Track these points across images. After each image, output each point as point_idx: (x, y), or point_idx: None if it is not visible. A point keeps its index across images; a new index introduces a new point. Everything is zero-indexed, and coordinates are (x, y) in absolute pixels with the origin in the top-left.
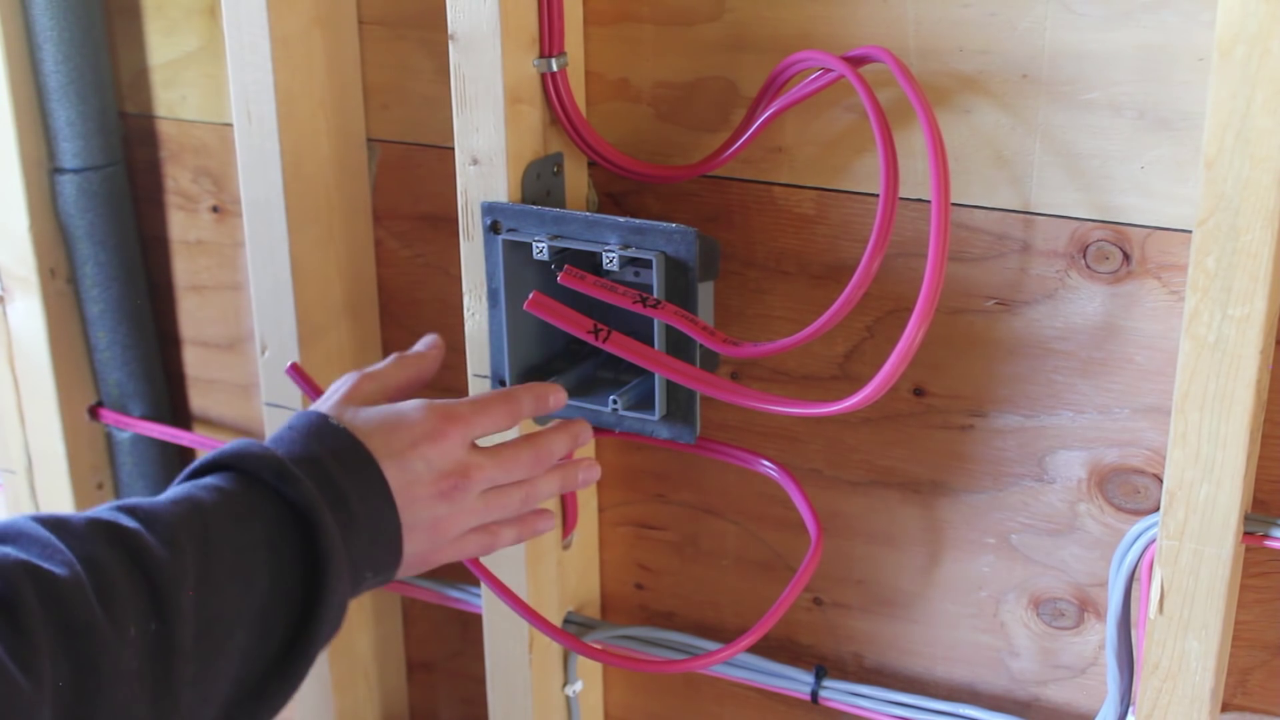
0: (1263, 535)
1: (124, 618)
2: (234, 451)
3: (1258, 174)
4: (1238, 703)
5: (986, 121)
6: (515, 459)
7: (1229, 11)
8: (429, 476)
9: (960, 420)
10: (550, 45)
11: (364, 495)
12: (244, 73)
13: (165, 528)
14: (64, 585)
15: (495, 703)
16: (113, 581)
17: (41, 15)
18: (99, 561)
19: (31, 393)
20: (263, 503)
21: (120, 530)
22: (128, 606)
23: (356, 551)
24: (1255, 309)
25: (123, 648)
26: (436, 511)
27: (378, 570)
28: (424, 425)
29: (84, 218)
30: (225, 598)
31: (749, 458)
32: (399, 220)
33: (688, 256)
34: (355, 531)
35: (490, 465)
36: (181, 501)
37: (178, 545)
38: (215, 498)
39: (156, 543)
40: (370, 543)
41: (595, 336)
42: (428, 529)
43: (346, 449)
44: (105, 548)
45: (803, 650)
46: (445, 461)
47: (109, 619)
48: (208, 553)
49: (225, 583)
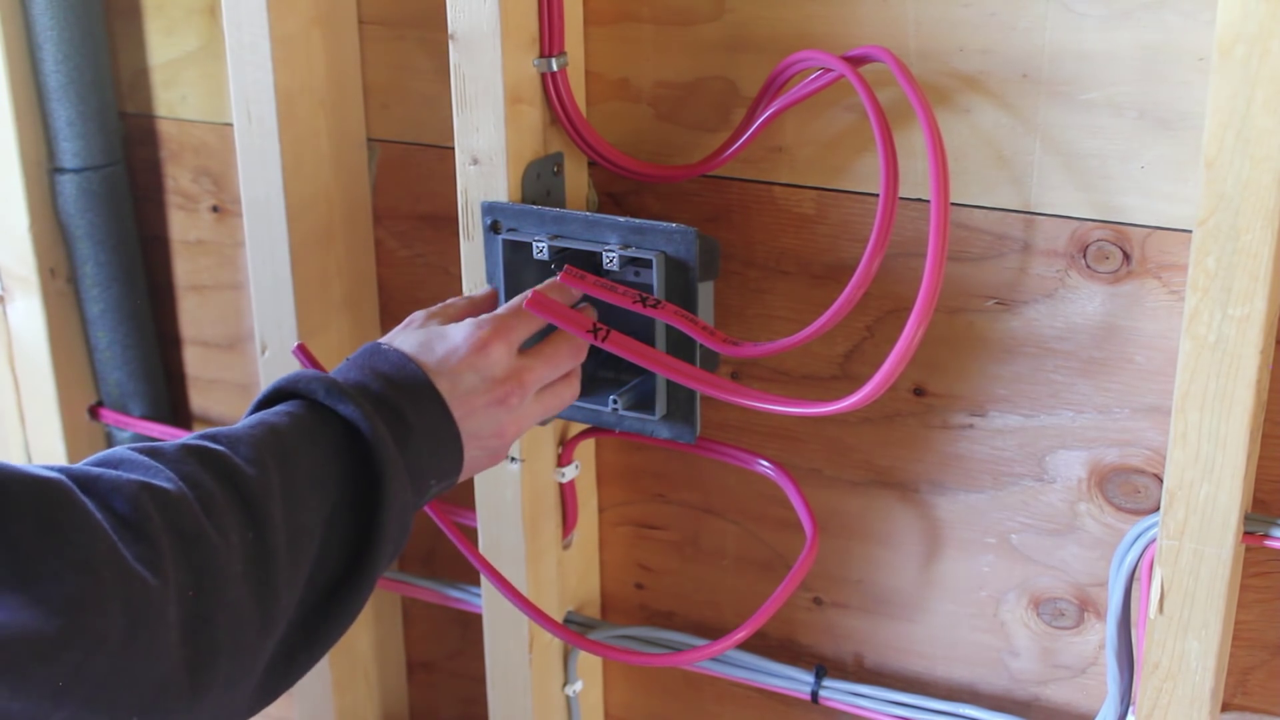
0: (1263, 535)
1: (226, 526)
2: (292, 378)
3: (1258, 174)
4: (1238, 703)
5: (986, 121)
6: (557, 353)
7: (1229, 11)
8: (483, 386)
9: (960, 420)
10: (550, 45)
11: (419, 408)
12: (244, 73)
13: (248, 448)
14: (174, 498)
15: (495, 703)
16: (211, 495)
17: (41, 15)
18: (197, 479)
19: (31, 393)
20: (327, 421)
21: (211, 452)
22: (227, 517)
23: (417, 461)
24: (1255, 309)
25: (229, 552)
26: (499, 418)
27: (441, 476)
28: (468, 339)
29: (84, 218)
30: (307, 507)
31: (747, 457)
32: (399, 220)
33: (688, 256)
34: (413, 443)
35: (540, 365)
36: (257, 426)
37: (262, 463)
38: (286, 420)
39: (243, 462)
40: (431, 452)
41: (595, 336)
42: (493, 435)
43: (398, 367)
44: (199, 468)
45: (803, 650)
46: (496, 369)
47: (214, 527)
48: (288, 467)
49: (306, 494)
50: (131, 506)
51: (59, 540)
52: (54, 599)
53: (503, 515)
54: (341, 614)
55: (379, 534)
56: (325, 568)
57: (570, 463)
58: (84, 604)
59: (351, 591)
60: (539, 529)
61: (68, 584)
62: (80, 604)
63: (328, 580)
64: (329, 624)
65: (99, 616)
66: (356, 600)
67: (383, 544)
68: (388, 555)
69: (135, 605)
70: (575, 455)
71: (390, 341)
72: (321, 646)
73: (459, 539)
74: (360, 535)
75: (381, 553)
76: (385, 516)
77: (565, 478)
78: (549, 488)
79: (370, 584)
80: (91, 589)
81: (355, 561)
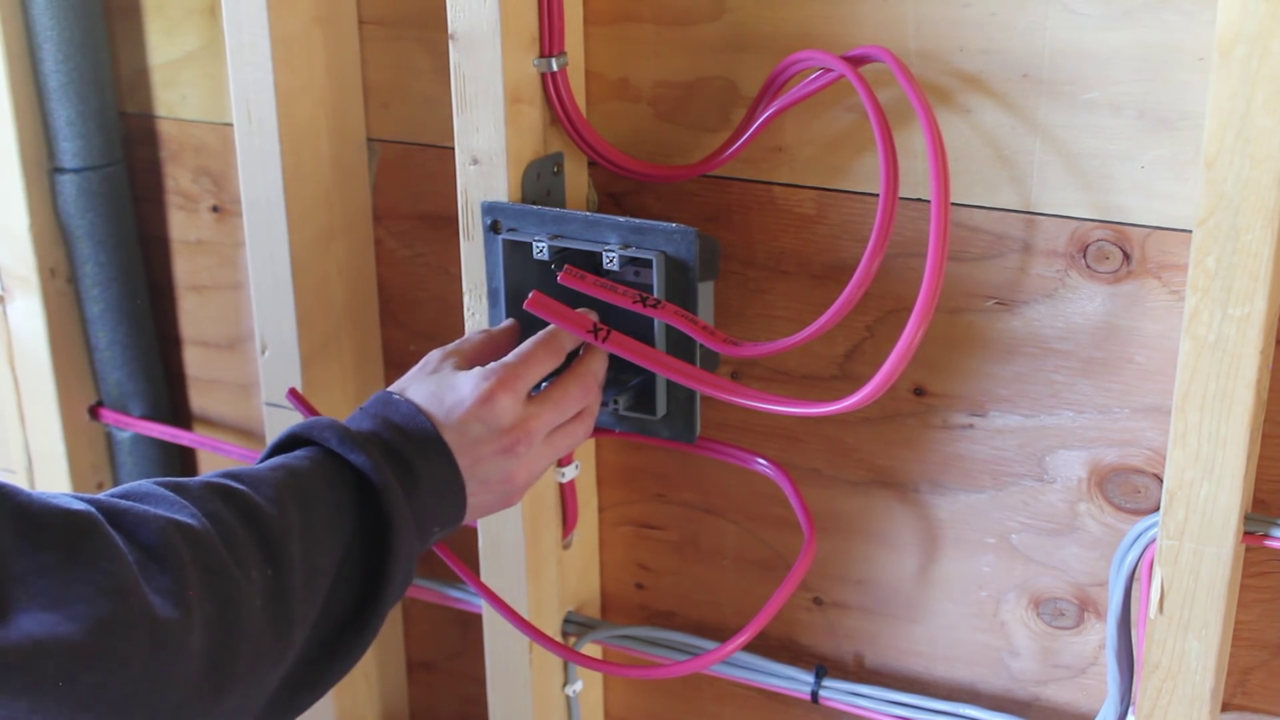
0: (1263, 535)
1: (247, 562)
2: (307, 426)
3: (1258, 174)
4: (1238, 703)
5: (987, 121)
6: (565, 396)
7: (1229, 11)
8: (488, 436)
9: (960, 420)
10: (550, 45)
11: (427, 459)
12: (244, 73)
13: (270, 489)
14: (199, 533)
15: (495, 703)
16: (233, 532)
17: (41, 15)
18: (219, 516)
19: (31, 393)
20: (340, 469)
21: (233, 491)
22: (248, 553)
23: (423, 510)
24: (1255, 309)
25: (249, 586)
26: (507, 466)
27: (445, 524)
28: (475, 391)
29: (84, 218)
30: (323, 548)
31: (746, 457)
32: (399, 220)
33: (688, 256)
34: (420, 492)
35: (546, 412)
36: (278, 469)
37: (282, 503)
38: (305, 464)
39: (264, 501)
40: (436, 502)
41: (595, 336)
42: (501, 482)
43: (409, 418)
44: (223, 505)
45: (803, 650)
46: (501, 420)
47: (236, 563)
48: (306, 509)
49: (322, 535)
50: (158, 539)
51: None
52: (84, 618)
53: (502, 515)
54: (347, 654)
55: (386, 578)
56: (334, 608)
57: (570, 463)
58: (112, 626)
59: (358, 633)
60: (539, 529)
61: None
62: (109, 626)
63: (336, 621)
64: (334, 663)
65: (124, 640)
66: (362, 641)
67: (390, 588)
68: (393, 598)
69: (158, 633)
70: (575, 455)
71: (404, 390)
72: (324, 684)
73: (451, 559)
74: (368, 579)
75: (388, 596)
76: (392, 562)
77: (565, 478)
78: (549, 488)
79: (376, 626)
80: (120, 613)
81: (362, 604)
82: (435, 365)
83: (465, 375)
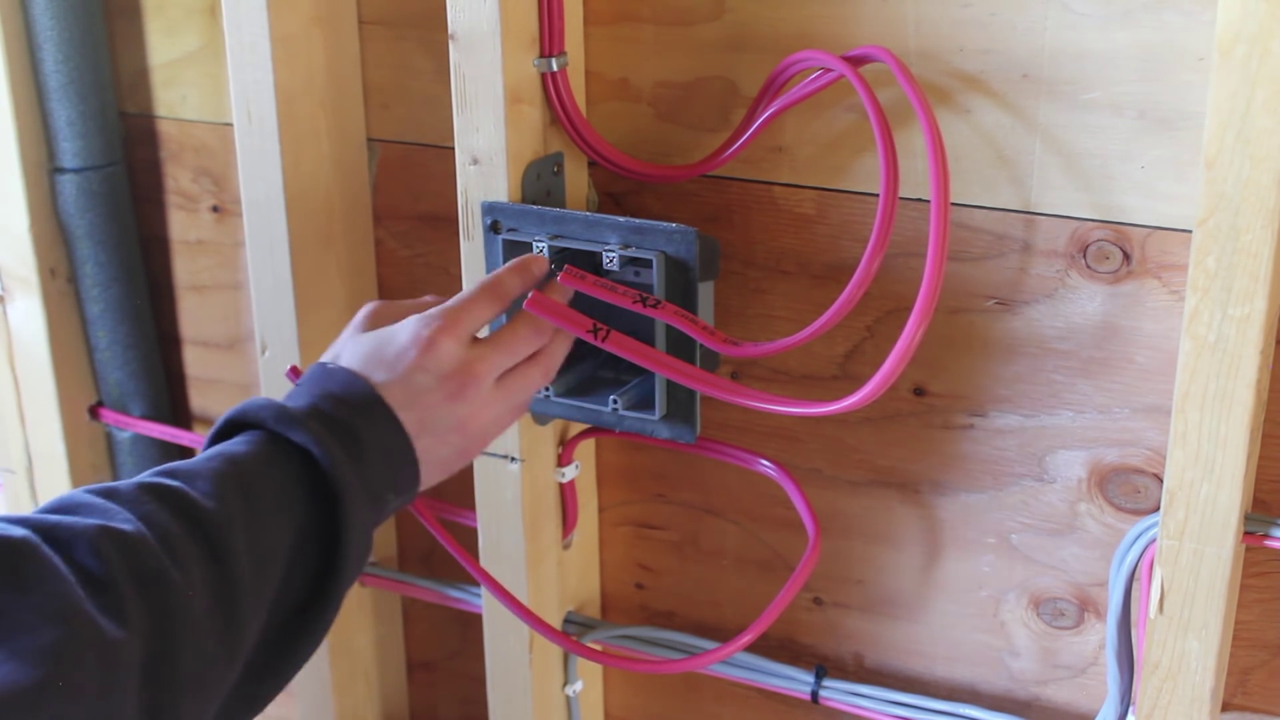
0: (1263, 535)
1: (188, 562)
2: (241, 409)
3: (1258, 174)
4: (1238, 703)
5: (987, 121)
6: (515, 337)
7: (1229, 11)
8: (433, 384)
9: (960, 420)
10: (550, 45)
11: (371, 424)
12: (244, 73)
13: (206, 482)
14: (134, 540)
15: (495, 703)
16: (171, 532)
17: (41, 15)
18: (155, 517)
19: (31, 393)
20: (282, 449)
21: (167, 489)
22: (188, 552)
23: (373, 478)
24: (1255, 309)
25: (191, 589)
26: (457, 412)
27: (400, 490)
28: (413, 337)
29: (84, 218)
30: (271, 534)
31: (748, 457)
32: (399, 220)
33: (688, 256)
34: (367, 459)
35: (492, 352)
36: (215, 458)
37: (221, 496)
38: (245, 450)
39: (200, 496)
40: (385, 467)
41: (595, 336)
42: (455, 430)
43: (346, 385)
44: (157, 505)
45: (803, 650)
46: (445, 364)
47: (175, 565)
48: (248, 496)
49: (269, 520)
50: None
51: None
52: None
53: (502, 515)
54: (309, 636)
55: (341, 555)
56: (289, 592)
57: (570, 463)
58: (61, 655)
59: (318, 613)
60: (539, 529)
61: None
62: (58, 655)
63: (292, 604)
64: (296, 645)
65: (76, 668)
66: (322, 622)
67: (346, 564)
68: (351, 575)
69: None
70: (575, 455)
71: (337, 356)
72: (289, 669)
73: (457, 550)
74: (323, 556)
75: (346, 572)
76: (347, 537)
77: (565, 478)
78: (549, 488)
79: (335, 605)
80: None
81: (319, 584)
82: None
83: (402, 325)
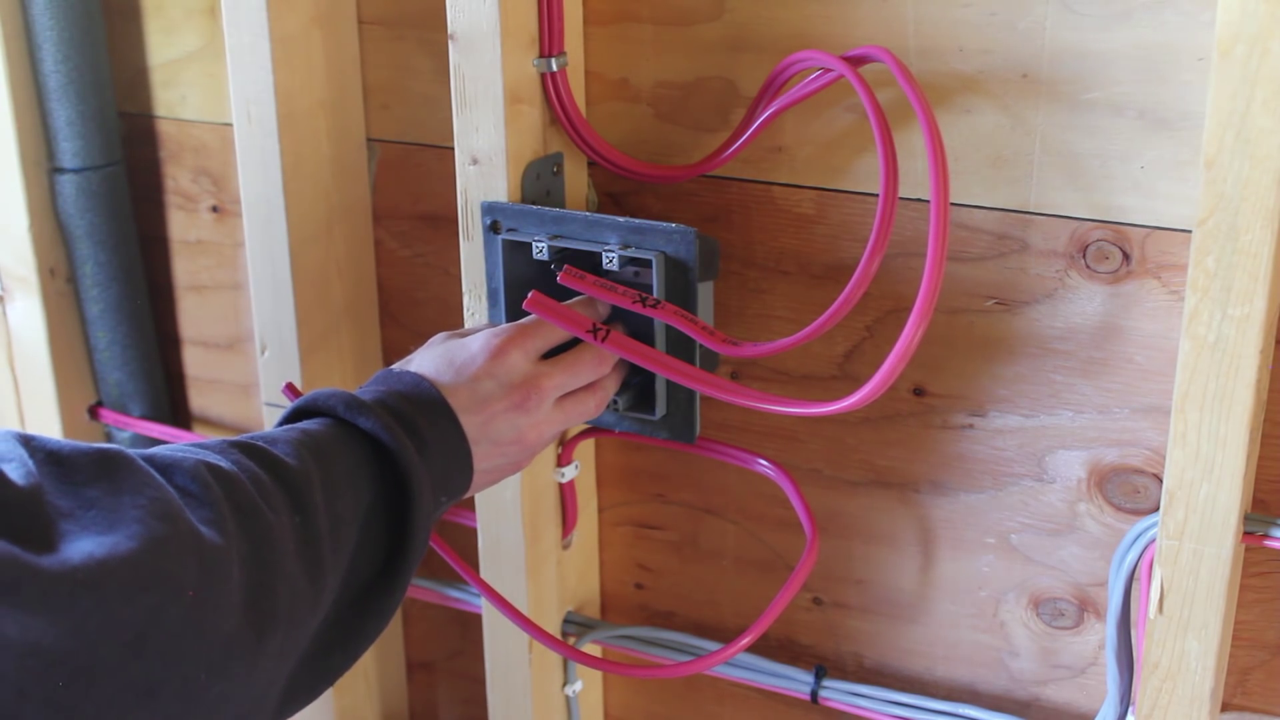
0: (1263, 535)
1: (277, 506)
2: (311, 397)
3: (1258, 174)
4: (1238, 703)
5: (986, 121)
6: (578, 362)
7: (1229, 11)
8: (500, 392)
9: (960, 420)
10: (550, 45)
11: (434, 424)
12: (244, 73)
13: (286, 445)
14: (230, 474)
15: (495, 703)
16: (260, 479)
17: (41, 15)
18: (244, 465)
19: (31, 393)
20: (351, 434)
21: (250, 444)
22: (277, 499)
23: (433, 473)
24: (1255, 309)
25: (282, 529)
26: (517, 423)
27: (451, 493)
28: (485, 347)
29: (84, 218)
30: (345, 501)
31: (747, 457)
32: (399, 220)
33: (688, 256)
34: (430, 455)
35: (557, 373)
36: (292, 430)
37: (301, 457)
38: (318, 428)
39: (282, 454)
40: (444, 465)
41: (595, 336)
42: (512, 442)
43: (412, 386)
44: (243, 455)
45: (803, 650)
46: (512, 375)
47: (268, 506)
48: (325, 464)
49: (344, 488)
50: (191, 478)
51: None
52: (140, 536)
53: (502, 515)
54: (377, 614)
55: (410, 534)
56: (361, 565)
57: (570, 463)
58: (166, 548)
59: (386, 592)
60: (539, 529)
61: (150, 527)
62: (163, 546)
63: (363, 580)
64: (365, 623)
65: (177, 563)
66: (391, 601)
67: (414, 544)
68: (417, 557)
69: (206, 558)
70: (575, 455)
71: (408, 362)
72: (357, 646)
73: (455, 560)
74: (392, 536)
75: (413, 553)
76: (415, 518)
77: (565, 478)
78: (549, 488)
79: (404, 585)
80: (171, 535)
81: (388, 562)
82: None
83: (475, 335)
